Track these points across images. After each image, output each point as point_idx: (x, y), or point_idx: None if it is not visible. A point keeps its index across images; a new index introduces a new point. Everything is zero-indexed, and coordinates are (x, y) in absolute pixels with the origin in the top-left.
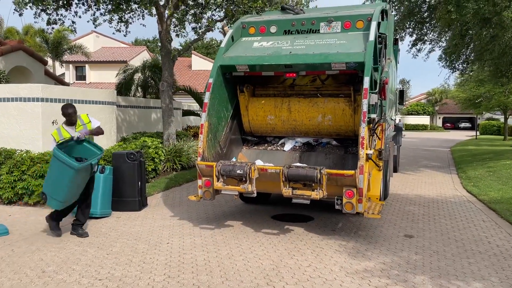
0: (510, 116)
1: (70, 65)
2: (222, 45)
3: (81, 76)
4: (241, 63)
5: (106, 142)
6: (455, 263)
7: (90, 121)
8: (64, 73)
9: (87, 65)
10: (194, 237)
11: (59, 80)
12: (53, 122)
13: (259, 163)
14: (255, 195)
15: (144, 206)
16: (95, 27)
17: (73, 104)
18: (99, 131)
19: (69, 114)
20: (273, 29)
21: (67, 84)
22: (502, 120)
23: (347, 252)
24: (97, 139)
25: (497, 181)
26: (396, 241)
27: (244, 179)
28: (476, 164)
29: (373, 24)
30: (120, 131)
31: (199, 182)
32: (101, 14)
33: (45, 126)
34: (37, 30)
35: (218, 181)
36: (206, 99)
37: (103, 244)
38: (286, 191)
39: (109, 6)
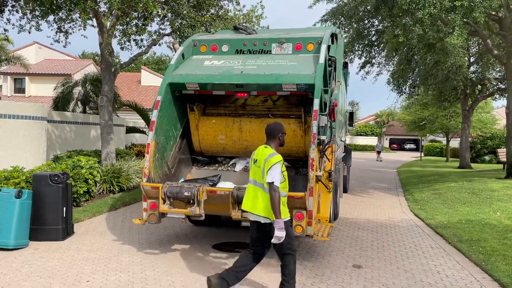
0: (451, 139)
1: (8, 77)
2: (172, 62)
3: (20, 89)
4: (192, 81)
5: (33, 161)
6: None
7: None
8: (1, 85)
9: (27, 78)
10: (121, 273)
11: None
12: None
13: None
14: (203, 218)
15: (69, 235)
16: (17, 33)
17: None
18: None
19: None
20: (225, 48)
21: None
22: (445, 142)
23: None
24: (20, 157)
25: (443, 204)
26: (344, 272)
27: (192, 201)
28: (422, 186)
29: (323, 47)
30: (54, 148)
31: (144, 204)
32: (28, 19)
33: None
34: None
35: (164, 203)
36: (154, 117)
37: (9, 284)
38: (235, 214)
39: (36, 12)
